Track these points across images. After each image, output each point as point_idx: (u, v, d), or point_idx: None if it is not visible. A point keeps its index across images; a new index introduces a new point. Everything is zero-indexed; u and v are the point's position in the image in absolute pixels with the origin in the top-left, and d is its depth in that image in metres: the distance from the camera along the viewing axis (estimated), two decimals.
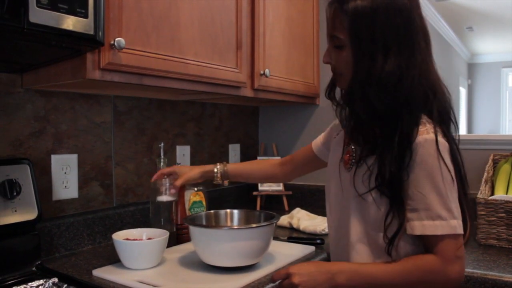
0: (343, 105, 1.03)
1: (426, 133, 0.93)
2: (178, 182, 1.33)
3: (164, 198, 1.43)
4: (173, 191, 1.34)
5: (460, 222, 0.93)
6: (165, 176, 1.41)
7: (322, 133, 1.33)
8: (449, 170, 0.93)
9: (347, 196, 1.04)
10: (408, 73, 0.93)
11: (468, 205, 0.99)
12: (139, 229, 1.31)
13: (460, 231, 0.92)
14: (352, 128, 1.02)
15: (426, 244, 0.96)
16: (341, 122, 1.07)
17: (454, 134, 0.99)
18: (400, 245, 0.96)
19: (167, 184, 1.42)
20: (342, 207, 1.07)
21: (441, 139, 0.93)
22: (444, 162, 0.92)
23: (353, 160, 1.04)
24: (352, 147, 1.06)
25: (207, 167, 1.40)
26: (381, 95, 0.92)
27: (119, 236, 1.23)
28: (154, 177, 1.39)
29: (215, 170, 1.40)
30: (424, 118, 0.96)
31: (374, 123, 0.96)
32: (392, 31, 0.92)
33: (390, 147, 0.93)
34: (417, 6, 0.97)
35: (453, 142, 0.97)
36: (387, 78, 0.92)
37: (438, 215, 0.91)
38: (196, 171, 1.38)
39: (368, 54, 0.93)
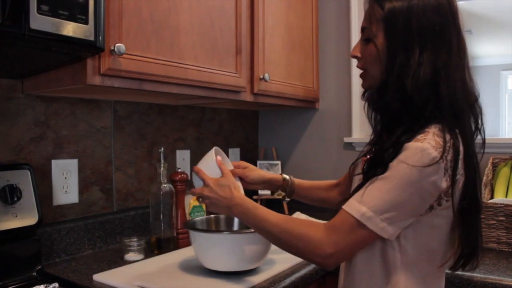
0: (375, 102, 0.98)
1: (421, 141, 0.85)
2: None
3: (132, 257, 1.35)
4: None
5: (374, 217, 0.84)
6: (134, 239, 1.36)
7: None
8: (414, 182, 0.83)
9: None
10: (446, 71, 0.89)
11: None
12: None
13: (368, 223, 0.84)
14: (381, 125, 0.99)
15: None
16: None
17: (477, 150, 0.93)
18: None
19: (135, 245, 1.35)
20: None
21: (433, 152, 0.83)
22: (417, 174, 0.83)
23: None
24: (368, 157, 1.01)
25: (273, 175, 1.29)
26: (418, 87, 0.87)
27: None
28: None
29: (285, 179, 1.29)
30: (437, 127, 0.87)
31: (405, 116, 0.90)
32: (428, 27, 0.89)
33: (385, 144, 0.90)
34: (455, 13, 0.93)
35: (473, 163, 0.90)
36: (424, 71, 0.88)
37: (358, 200, 0.87)
38: (256, 174, 1.24)
39: (404, 47, 0.89)
